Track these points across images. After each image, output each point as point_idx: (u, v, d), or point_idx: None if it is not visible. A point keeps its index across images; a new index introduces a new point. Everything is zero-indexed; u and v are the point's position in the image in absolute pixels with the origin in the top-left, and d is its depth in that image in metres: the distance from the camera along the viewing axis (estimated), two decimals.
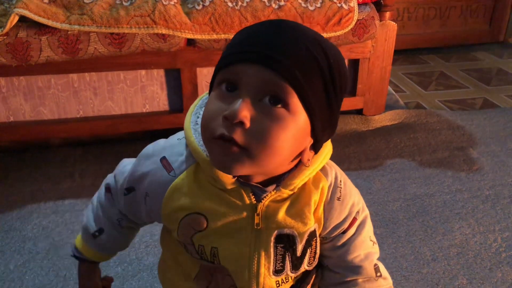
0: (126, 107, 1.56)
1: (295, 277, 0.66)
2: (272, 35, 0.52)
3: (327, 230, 0.62)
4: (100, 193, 0.71)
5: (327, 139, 0.59)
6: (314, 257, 0.63)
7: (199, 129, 0.57)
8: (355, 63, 1.73)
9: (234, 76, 0.51)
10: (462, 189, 1.39)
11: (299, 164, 0.58)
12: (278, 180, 0.57)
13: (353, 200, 0.63)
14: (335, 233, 0.63)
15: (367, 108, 1.80)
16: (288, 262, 0.61)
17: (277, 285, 0.63)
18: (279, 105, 0.51)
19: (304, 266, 0.63)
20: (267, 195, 0.57)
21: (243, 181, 0.57)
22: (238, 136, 0.50)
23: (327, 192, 0.61)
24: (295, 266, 0.62)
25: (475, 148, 1.62)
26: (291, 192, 0.58)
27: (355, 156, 1.56)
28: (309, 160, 0.56)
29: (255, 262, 0.60)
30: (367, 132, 1.71)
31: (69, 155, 1.51)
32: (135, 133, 1.59)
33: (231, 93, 0.52)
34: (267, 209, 0.58)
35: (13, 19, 1.26)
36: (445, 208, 1.31)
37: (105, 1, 1.33)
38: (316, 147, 0.57)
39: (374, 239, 0.67)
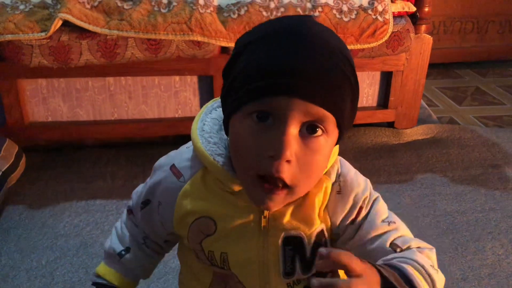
0: (159, 112, 1.59)
1: (307, 279, 0.65)
2: (300, 58, 0.49)
3: (337, 224, 0.61)
4: (123, 217, 0.72)
5: None
6: None
7: (205, 135, 0.59)
8: (388, 75, 1.71)
9: (268, 108, 0.50)
10: (495, 208, 1.35)
11: None
12: None
13: (357, 191, 0.60)
14: (346, 223, 0.61)
15: (399, 121, 1.77)
16: (298, 264, 0.61)
17: (289, 287, 0.63)
18: (320, 132, 0.51)
19: (315, 268, 0.62)
20: None
21: None
22: (286, 175, 0.50)
23: (330, 191, 0.60)
24: (306, 267, 0.62)
25: (511, 166, 1.57)
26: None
27: (385, 169, 1.54)
28: (326, 166, 0.58)
29: (265, 265, 0.60)
30: (398, 145, 1.68)
31: (101, 156, 1.55)
32: (167, 137, 1.62)
33: (265, 123, 0.50)
34: (274, 211, 0.58)
35: (57, 23, 1.31)
36: (477, 226, 1.27)
37: (144, 7, 1.37)
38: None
39: (392, 219, 0.62)
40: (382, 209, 0.62)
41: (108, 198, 1.34)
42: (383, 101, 1.76)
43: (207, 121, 0.61)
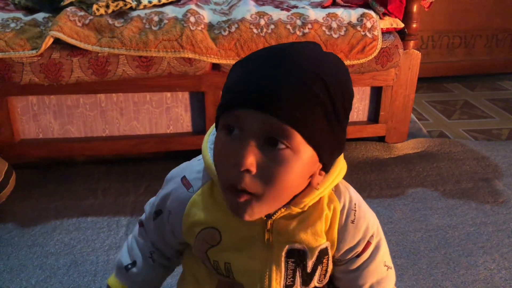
0: (151, 128, 1.59)
1: None
2: (270, 75, 0.51)
3: (340, 253, 0.63)
4: (134, 230, 0.75)
5: (336, 158, 0.60)
6: (325, 275, 0.65)
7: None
8: (378, 90, 1.73)
9: (235, 120, 0.53)
10: (486, 222, 1.36)
11: (309, 184, 0.59)
12: (289, 200, 0.59)
13: (367, 223, 0.64)
14: (349, 256, 0.64)
15: (390, 136, 1.79)
16: (298, 278, 0.63)
17: None
18: (283, 146, 0.51)
19: (314, 283, 0.64)
20: (277, 213, 0.59)
21: None
22: (247, 184, 0.52)
23: (339, 214, 0.62)
24: (305, 281, 0.63)
25: (501, 179, 1.58)
26: (301, 210, 0.60)
27: (376, 183, 1.54)
28: (318, 183, 0.58)
29: (267, 276, 0.62)
30: (389, 159, 1.69)
31: (93, 173, 1.54)
32: (158, 153, 1.62)
33: (231, 135, 0.53)
34: (277, 224, 0.60)
35: (48, 41, 1.32)
36: (469, 241, 1.28)
37: (135, 25, 1.38)
38: (326, 169, 0.58)
39: (390, 264, 0.67)
40: (385, 251, 0.66)
41: (99, 215, 1.33)
42: (374, 116, 1.77)
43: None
